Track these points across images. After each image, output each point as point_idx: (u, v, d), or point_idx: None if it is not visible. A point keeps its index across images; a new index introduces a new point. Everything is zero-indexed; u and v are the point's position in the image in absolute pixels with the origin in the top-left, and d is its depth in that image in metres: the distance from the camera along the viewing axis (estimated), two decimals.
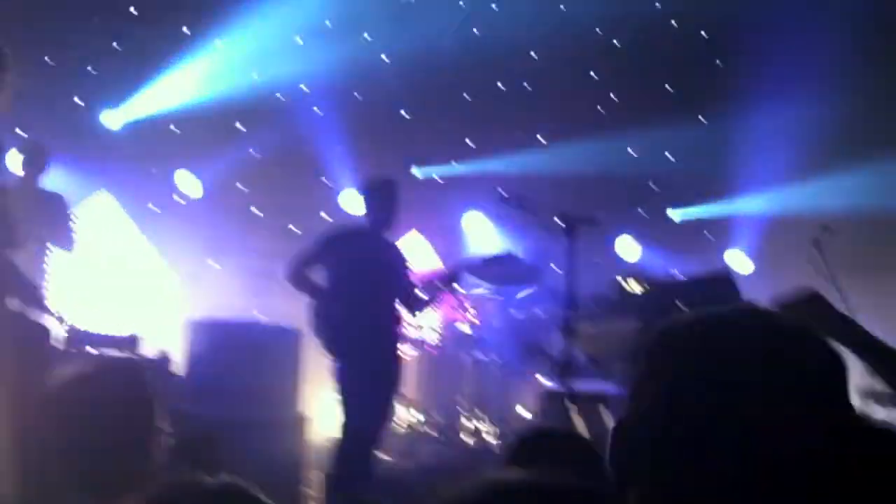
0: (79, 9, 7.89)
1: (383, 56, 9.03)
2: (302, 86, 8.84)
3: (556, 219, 5.98)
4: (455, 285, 6.20)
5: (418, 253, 9.05)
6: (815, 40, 8.02)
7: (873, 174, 8.16)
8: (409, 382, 7.72)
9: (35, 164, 6.40)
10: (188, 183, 8.38)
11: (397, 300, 5.88)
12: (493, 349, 7.31)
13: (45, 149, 6.52)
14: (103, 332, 6.34)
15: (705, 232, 9.44)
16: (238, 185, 8.68)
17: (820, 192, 8.32)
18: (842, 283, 6.46)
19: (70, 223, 6.44)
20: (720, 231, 9.33)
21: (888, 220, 8.14)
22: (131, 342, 6.29)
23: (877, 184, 8.15)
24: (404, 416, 7.27)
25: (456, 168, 9.25)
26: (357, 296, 5.65)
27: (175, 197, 8.40)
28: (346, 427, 5.53)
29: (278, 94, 8.75)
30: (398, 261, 5.97)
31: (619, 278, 6.86)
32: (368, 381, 5.57)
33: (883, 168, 8.10)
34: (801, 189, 8.45)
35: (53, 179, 6.65)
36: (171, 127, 8.34)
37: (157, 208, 8.38)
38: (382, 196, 5.87)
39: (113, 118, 8.15)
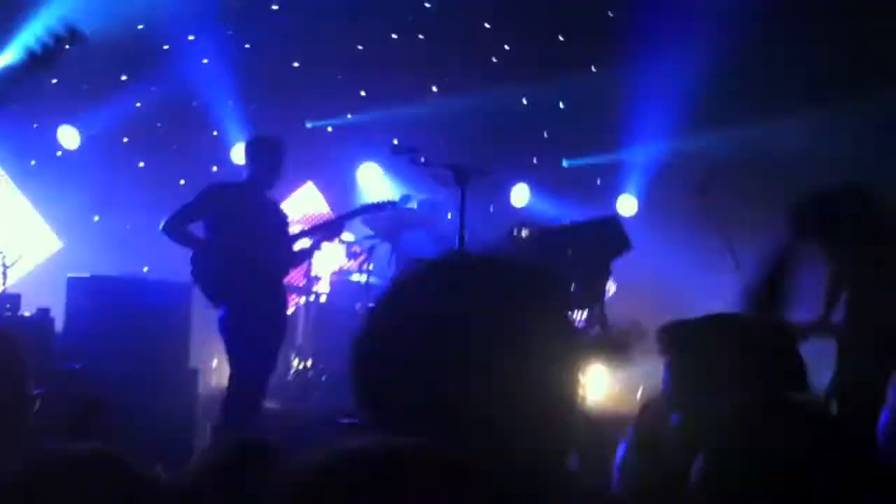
0: None
1: (274, 6, 8.84)
2: (190, 36, 8.60)
3: (448, 170, 6.03)
4: (342, 234, 6.22)
5: (313, 204, 8.98)
6: None
7: (756, 125, 8.45)
8: (301, 332, 7.72)
9: None
10: (71, 138, 8.13)
11: (280, 253, 5.87)
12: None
13: None
14: None
15: (598, 180, 9.57)
16: (125, 139, 8.46)
17: (706, 140, 8.55)
18: (725, 219, 6.73)
19: None
20: (613, 178, 9.47)
21: (768, 165, 8.40)
22: (12, 301, 6.13)
23: (756, 133, 8.43)
24: (294, 364, 7.27)
25: (350, 119, 9.16)
26: (238, 246, 5.61)
27: (59, 153, 8.15)
28: (232, 377, 5.55)
29: (165, 46, 8.51)
30: (279, 216, 5.99)
31: (511, 226, 6.95)
32: (252, 329, 5.59)
33: (767, 118, 8.38)
34: (689, 138, 8.66)
35: None
36: (53, 81, 8.05)
37: (38, 164, 8.12)
38: (265, 152, 5.85)
39: None
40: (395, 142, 8.10)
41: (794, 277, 2.69)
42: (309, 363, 7.36)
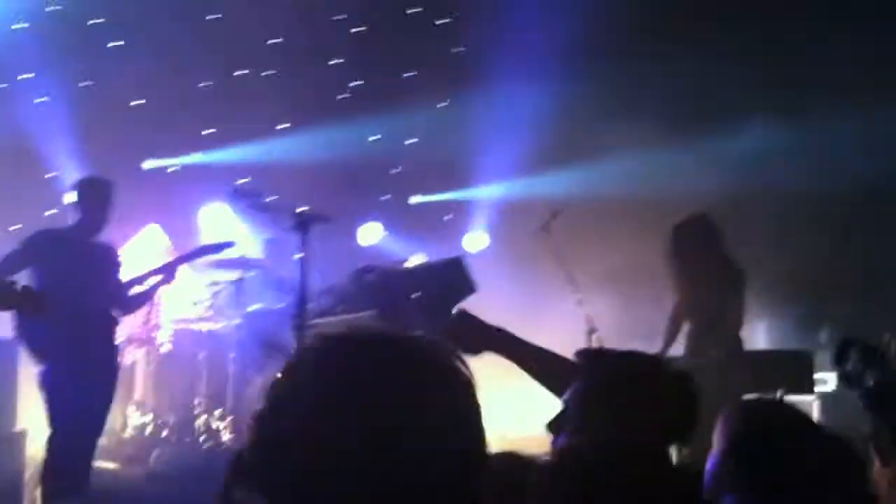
0: None
1: (111, 43, 8.58)
2: (23, 75, 8.27)
3: (289, 216, 5.95)
4: (176, 278, 6.03)
5: (157, 247, 8.72)
6: (551, 30, 8.36)
7: (597, 165, 8.71)
8: (140, 384, 7.45)
9: None
10: None
11: (110, 301, 5.65)
12: (230, 344, 7.15)
13: None
14: None
15: (446, 217, 9.64)
16: None
17: (550, 180, 8.76)
18: (569, 257, 6.90)
19: None
20: (462, 215, 9.57)
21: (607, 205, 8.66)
22: None
23: (598, 174, 8.69)
24: (133, 419, 7.00)
25: (193, 159, 8.96)
26: (63, 297, 5.36)
27: None
28: (54, 436, 5.27)
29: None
30: (109, 261, 5.78)
31: (357, 269, 6.88)
32: (77, 383, 5.31)
33: (606, 159, 8.65)
34: (534, 177, 8.86)
35: None
36: None
37: None
38: (91, 194, 5.65)
39: None
40: (238, 182, 7.97)
41: None
42: (149, 418, 7.09)
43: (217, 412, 6.96)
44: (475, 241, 9.32)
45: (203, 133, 9.06)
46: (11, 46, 8.10)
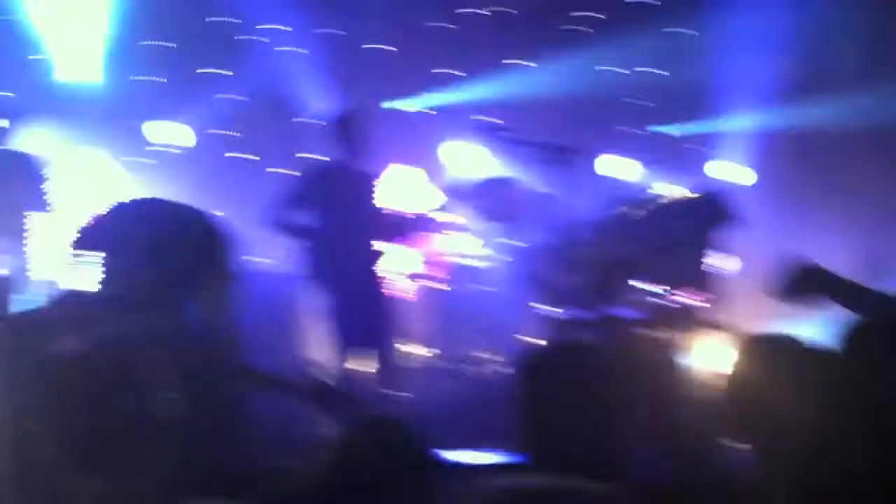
0: None
1: None
2: (278, 26, 8.65)
3: (542, 148, 6.00)
4: (448, 214, 6.21)
5: (402, 187, 8.94)
6: None
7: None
8: (414, 319, 7.70)
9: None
10: (173, 133, 8.24)
11: (382, 231, 5.83)
12: (495, 279, 7.30)
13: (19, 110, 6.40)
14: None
15: (698, 147, 9.34)
16: (226, 131, 8.54)
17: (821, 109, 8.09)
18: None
19: (45, 184, 6.32)
20: (711, 145, 9.26)
21: None
22: None
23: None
24: (414, 352, 7.25)
25: (436, 98, 9.11)
26: (343, 231, 5.61)
27: (159, 149, 8.28)
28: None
29: (247, 36, 8.56)
30: (373, 193, 6.01)
31: (615, 203, 6.86)
32: (357, 315, 5.58)
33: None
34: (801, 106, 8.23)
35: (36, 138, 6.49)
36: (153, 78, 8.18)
37: (145, 159, 8.24)
38: (347, 128, 5.84)
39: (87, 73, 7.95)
40: (485, 119, 8.07)
41: None
42: (431, 352, 7.32)
43: (486, 344, 7.10)
44: (728, 172, 8.97)
45: (433, 72, 9.18)
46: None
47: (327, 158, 6.20)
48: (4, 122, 6.26)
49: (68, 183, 6.77)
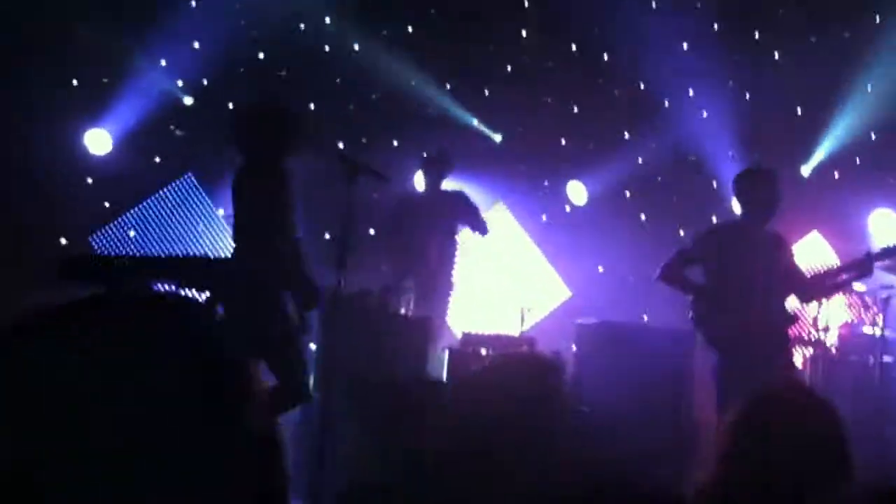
0: None
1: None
2: (689, 90, 8.73)
3: None
4: (860, 281, 5.78)
5: (819, 255, 8.47)
6: None
7: None
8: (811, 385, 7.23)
9: (441, 165, 7.09)
10: (579, 194, 8.65)
11: (783, 292, 5.60)
12: None
13: (450, 157, 7.12)
14: (499, 334, 6.73)
15: None
16: (627, 193, 8.75)
17: None
18: None
19: (478, 212, 7.17)
20: None
21: None
22: (527, 344, 6.56)
23: None
24: None
25: (855, 164, 8.55)
26: (738, 289, 5.44)
27: (567, 209, 8.70)
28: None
29: (665, 102, 8.72)
30: (780, 249, 5.69)
31: None
32: (751, 379, 5.32)
33: None
34: None
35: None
36: (562, 140, 8.69)
37: (550, 219, 8.71)
38: (755, 185, 5.65)
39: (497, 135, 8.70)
40: None
41: None
42: None
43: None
44: None
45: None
46: (678, 66, 8.58)
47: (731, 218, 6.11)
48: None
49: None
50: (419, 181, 7.44)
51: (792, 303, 6.00)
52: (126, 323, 0.89)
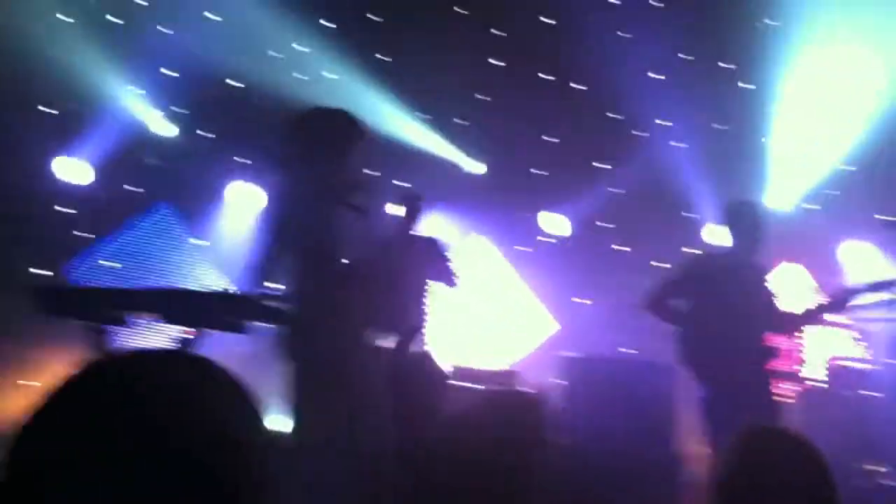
0: None
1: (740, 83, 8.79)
2: (659, 121, 8.83)
3: None
4: (838, 314, 5.82)
5: (792, 284, 8.58)
6: None
7: None
8: (788, 421, 7.30)
9: (412, 213, 6.79)
10: (553, 223, 8.68)
11: (769, 326, 5.62)
12: (884, 384, 6.73)
13: (422, 198, 6.97)
14: (484, 368, 6.71)
15: None
16: (599, 222, 8.81)
17: None
18: None
19: (449, 263, 6.79)
20: None
21: None
22: (510, 377, 6.56)
23: None
24: None
25: (828, 196, 8.70)
26: (723, 320, 5.45)
27: (540, 238, 8.74)
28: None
29: (633, 131, 8.81)
30: (765, 288, 5.71)
31: None
32: (738, 412, 5.34)
33: None
34: None
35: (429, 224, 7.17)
36: (532, 170, 8.74)
37: (525, 248, 8.73)
38: (744, 215, 5.68)
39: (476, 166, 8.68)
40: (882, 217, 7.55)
41: None
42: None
43: (868, 454, 6.56)
44: None
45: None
46: (647, 96, 8.68)
47: (714, 250, 6.08)
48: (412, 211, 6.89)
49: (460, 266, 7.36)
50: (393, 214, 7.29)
51: (776, 336, 6.04)
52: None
